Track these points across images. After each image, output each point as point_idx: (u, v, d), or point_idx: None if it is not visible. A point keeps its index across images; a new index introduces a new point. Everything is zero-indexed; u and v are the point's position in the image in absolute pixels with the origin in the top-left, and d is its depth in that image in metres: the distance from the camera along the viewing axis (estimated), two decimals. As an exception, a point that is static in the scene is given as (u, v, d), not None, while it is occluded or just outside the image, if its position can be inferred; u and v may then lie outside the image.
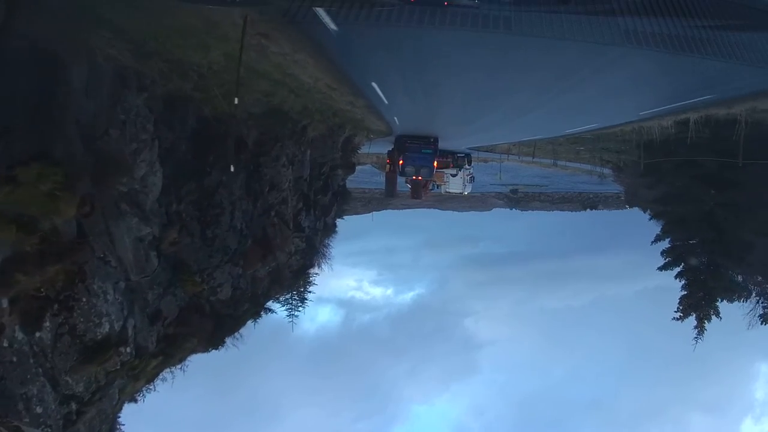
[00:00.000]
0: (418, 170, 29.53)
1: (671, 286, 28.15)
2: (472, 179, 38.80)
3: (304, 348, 68.49)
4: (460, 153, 37.37)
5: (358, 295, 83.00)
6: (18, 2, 7.36)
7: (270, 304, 19.99)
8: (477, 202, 55.75)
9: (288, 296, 23.72)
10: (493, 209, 59.11)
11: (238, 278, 15.68)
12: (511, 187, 56.50)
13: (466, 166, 37.69)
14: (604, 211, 58.73)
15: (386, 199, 41.67)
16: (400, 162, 29.62)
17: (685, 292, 27.65)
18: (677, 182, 28.19)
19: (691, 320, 27.23)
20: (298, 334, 68.78)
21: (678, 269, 28.48)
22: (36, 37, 7.57)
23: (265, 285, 18.23)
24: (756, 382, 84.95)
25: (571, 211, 58.80)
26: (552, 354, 75.63)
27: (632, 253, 69.22)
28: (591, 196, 56.50)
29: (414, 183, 34.01)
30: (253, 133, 15.16)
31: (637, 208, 52.47)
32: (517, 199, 57.64)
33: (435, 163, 29.61)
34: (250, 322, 17.33)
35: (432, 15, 10.39)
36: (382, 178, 45.20)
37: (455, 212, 60.08)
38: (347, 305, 78.81)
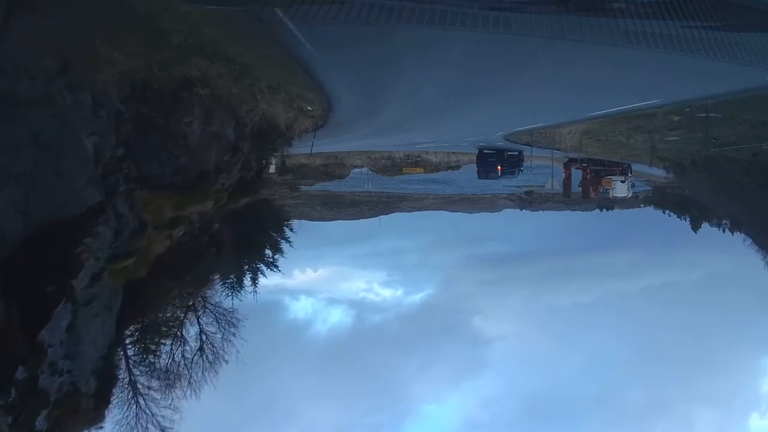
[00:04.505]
0: (486, 172, 38.90)
1: (677, 282, 27.05)
2: (633, 185, 45.75)
3: (317, 349, 68.98)
4: (624, 163, 43.02)
5: (369, 296, 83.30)
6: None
7: None
8: (487, 203, 55.52)
9: None
10: (503, 210, 58.90)
11: None
12: (526, 189, 55.36)
13: (629, 174, 44.02)
14: (617, 210, 58.08)
15: (564, 199, 50.39)
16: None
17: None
18: None
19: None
20: (311, 336, 69.44)
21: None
22: None
23: None
24: (763, 377, 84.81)
25: (583, 212, 58.17)
26: (559, 350, 75.45)
27: (638, 251, 69.08)
28: (608, 195, 55.49)
29: (585, 185, 43.96)
30: None
31: (651, 207, 53.37)
32: (530, 200, 57.10)
33: (498, 167, 38.48)
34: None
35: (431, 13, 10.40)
36: (370, 185, 50.48)
37: (464, 214, 59.95)
38: (358, 306, 79.05)
